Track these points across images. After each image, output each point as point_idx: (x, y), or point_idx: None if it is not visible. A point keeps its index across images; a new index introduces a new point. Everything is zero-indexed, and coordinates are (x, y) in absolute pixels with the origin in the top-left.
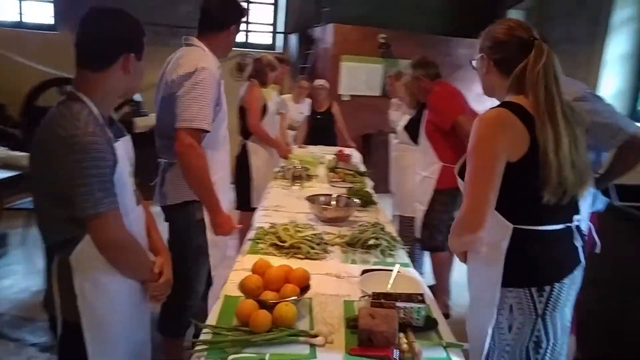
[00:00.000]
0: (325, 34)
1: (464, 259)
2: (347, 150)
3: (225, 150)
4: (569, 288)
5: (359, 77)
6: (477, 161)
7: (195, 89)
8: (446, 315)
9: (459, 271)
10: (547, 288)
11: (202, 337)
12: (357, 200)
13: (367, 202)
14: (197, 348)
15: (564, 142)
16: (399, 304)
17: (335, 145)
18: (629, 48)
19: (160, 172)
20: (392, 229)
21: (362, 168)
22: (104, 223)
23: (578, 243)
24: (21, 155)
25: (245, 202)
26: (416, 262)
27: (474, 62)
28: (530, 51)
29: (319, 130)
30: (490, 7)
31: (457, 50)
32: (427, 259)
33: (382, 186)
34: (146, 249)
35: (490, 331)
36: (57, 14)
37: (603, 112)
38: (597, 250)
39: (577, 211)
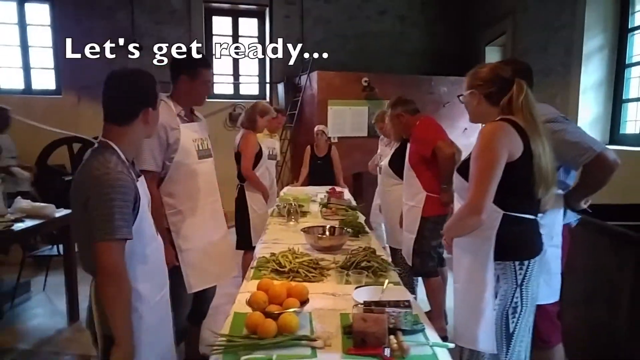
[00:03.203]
0: (311, 81)
1: (451, 250)
2: (338, 188)
3: (195, 182)
4: (539, 265)
5: (346, 119)
6: (484, 160)
7: None
8: (444, 339)
9: (452, 298)
10: (526, 262)
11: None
12: (349, 230)
13: (359, 231)
14: (214, 351)
15: (547, 150)
16: (388, 309)
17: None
18: (602, 75)
19: None
20: (383, 253)
21: (354, 203)
22: (112, 248)
23: (542, 231)
24: (43, 206)
25: (246, 242)
26: (412, 289)
27: (461, 97)
28: (511, 86)
29: (319, 173)
30: (467, 46)
31: (439, 88)
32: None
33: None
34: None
35: (488, 296)
36: (60, 80)
37: (573, 132)
38: None
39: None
